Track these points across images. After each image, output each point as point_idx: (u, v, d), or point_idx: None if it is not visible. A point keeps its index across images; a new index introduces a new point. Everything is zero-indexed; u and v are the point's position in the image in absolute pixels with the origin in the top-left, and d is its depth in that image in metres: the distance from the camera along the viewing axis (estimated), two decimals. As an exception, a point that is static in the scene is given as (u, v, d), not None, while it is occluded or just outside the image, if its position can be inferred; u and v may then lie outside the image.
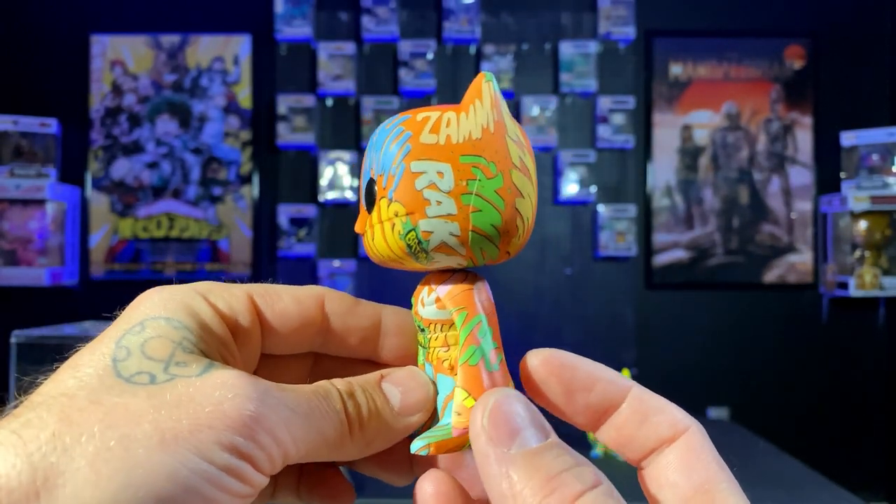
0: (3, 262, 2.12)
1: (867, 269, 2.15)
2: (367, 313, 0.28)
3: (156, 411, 0.20)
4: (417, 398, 0.26)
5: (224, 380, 0.22)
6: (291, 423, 0.22)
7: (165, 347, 0.22)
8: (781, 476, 1.36)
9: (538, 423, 0.22)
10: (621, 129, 2.35)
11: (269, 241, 2.38)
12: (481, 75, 0.25)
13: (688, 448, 0.23)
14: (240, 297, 0.26)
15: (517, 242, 0.25)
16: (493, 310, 0.26)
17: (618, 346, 2.35)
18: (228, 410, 0.21)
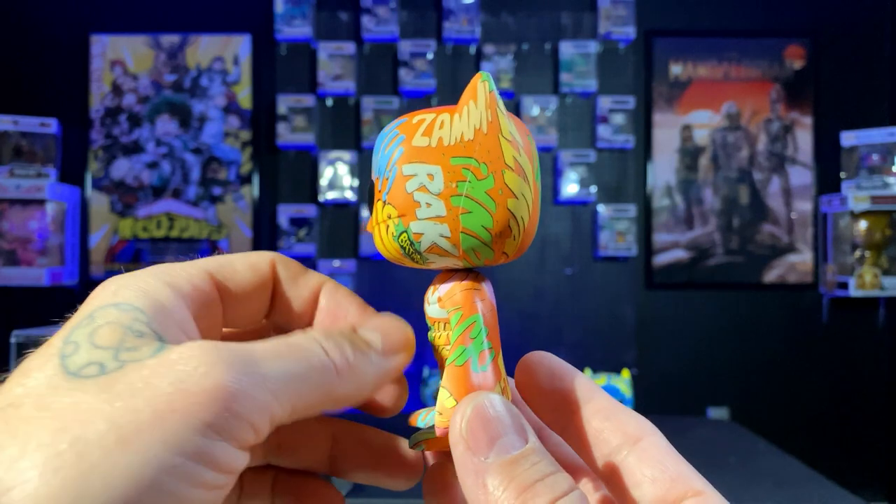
0: (3, 262, 2.12)
1: (867, 269, 2.15)
2: (310, 284, 0.27)
3: (109, 405, 0.18)
4: (399, 338, 0.25)
5: (181, 354, 0.19)
6: (268, 379, 0.20)
7: (115, 333, 0.20)
8: (781, 476, 1.36)
9: (518, 427, 0.22)
10: (621, 129, 2.35)
11: (269, 241, 2.38)
12: (478, 75, 0.25)
13: (656, 446, 0.23)
14: (198, 274, 0.24)
15: (514, 244, 0.25)
16: (492, 311, 0.25)
17: (618, 346, 2.35)
18: (192, 386, 0.19)
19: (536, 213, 0.25)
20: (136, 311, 0.21)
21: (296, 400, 0.21)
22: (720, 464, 1.43)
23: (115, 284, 0.22)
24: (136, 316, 0.21)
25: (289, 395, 0.21)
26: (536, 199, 0.25)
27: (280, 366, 0.21)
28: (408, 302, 0.28)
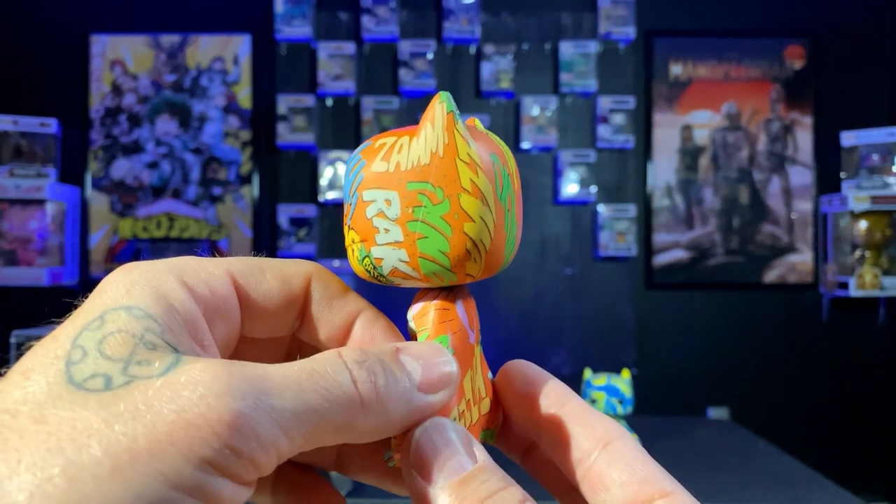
0: (3, 262, 2.12)
1: (867, 269, 2.15)
2: (346, 310, 0.25)
3: (108, 427, 0.17)
4: (441, 374, 0.23)
5: (189, 377, 0.18)
6: (280, 413, 0.19)
7: (126, 344, 0.19)
8: (781, 476, 1.36)
9: (466, 448, 0.22)
10: (621, 129, 2.35)
11: (269, 241, 2.38)
12: (437, 96, 0.24)
13: (625, 449, 0.23)
14: (219, 276, 0.23)
15: (476, 266, 0.24)
16: (460, 332, 0.25)
17: (618, 346, 2.35)
18: (193, 418, 0.17)
19: (502, 232, 0.24)
20: (149, 320, 0.20)
21: (309, 435, 0.20)
22: (720, 464, 1.43)
23: (127, 280, 0.21)
24: (149, 325, 0.20)
25: (301, 431, 0.19)
26: (501, 218, 0.24)
27: (296, 399, 0.19)
28: (406, 305, 0.27)
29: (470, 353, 0.25)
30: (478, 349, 0.26)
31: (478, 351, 0.26)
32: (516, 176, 0.26)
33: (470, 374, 0.25)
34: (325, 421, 0.20)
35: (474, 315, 0.26)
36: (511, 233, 0.25)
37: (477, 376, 0.26)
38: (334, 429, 0.20)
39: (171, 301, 0.21)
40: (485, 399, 0.26)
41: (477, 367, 0.26)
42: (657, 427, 1.70)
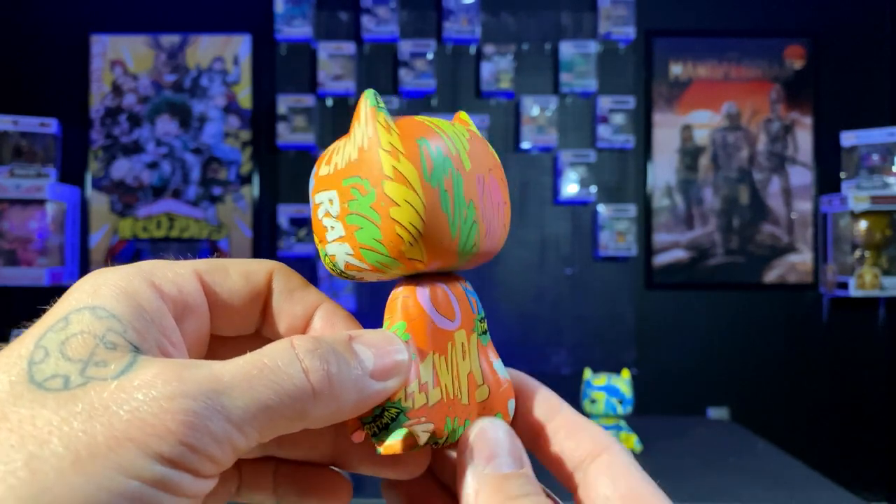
0: (3, 262, 2.12)
1: (867, 269, 2.15)
2: (305, 301, 0.26)
3: (67, 424, 0.18)
4: (393, 362, 0.24)
5: (142, 380, 0.19)
6: (231, 411, 0.19)
7: (87, 345, 0.20)
8: (781, 476, 1.36)
9: (516, 454, 0.24)
10: (621, 129, 2.35)
11: (269, 241, 2.38)
12: (363, 94, 0.26)
13: (612, 463, 0.24)
14: (186, 275, 0.24)
15: (417, 251, 0.25)
16: (420, 317, 0.26)
17: (618, 346, 2.35)
18: (147, 416, 0.18)
19: (438, 213, 0.25)
20: (112, 319, 0.21)
21: (262, 428, 0.20)
22: (720, 464, 1.43)
23: (95, 281, 0.22)
24: (111, 325, 0.20)
25: (254, 425, 0.20)
26: (434, 200, 0.25)
27: (246, 395, 0.20)
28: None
29: (437, 339, 0.26)
30: (463, 336, 0.27)
31: (464, 338, 0.27)
32: (471, 158, 0.26)
33: (436, 360, 0.26)
34: (276, 413, 0.20)
35: (454, 301, 0.27)
36: (457, 214, 0.25)
37: (459, 363, 0.26)
38: (286, 419, 0.21)
39: (138, 300, 0.22)
40: (481, 387, 0.27)
41: (457, 355, 0.26)
42: (657, 427, 1.71)
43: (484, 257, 0.27)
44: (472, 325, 0.27)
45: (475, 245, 0.26)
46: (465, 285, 0.28)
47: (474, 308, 0.28)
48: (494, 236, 0.27)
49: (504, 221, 0.28)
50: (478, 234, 0.26)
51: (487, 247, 0.27)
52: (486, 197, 0.27)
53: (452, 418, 0.26)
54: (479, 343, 0.27)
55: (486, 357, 0.27)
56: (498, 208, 0.27)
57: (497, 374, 0.27)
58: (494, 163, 0.27)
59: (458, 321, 0.27)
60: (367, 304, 2.35)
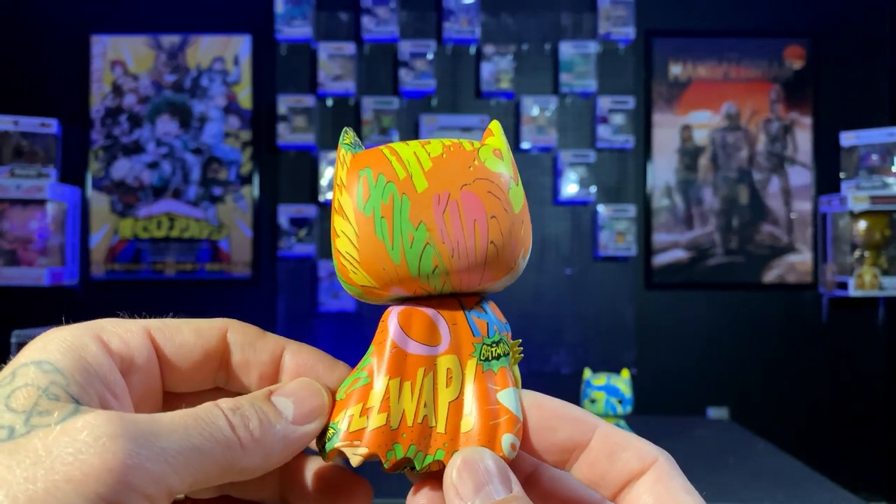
0: (4, 262, 2.12)
1: (867, 269, 2.16)
2: (269, 347, 0.27)
3: (10, 473, 0.19)
4: (312, 406, 0.25)
5: (85, 423, 0.20)
6: (167, 453, 0.21)
7: (30, 396, 0.21)
8: (781, 476, 1.36)
9: (504, 477, 0.24)
10: (621, 129, 2.35)
11: (270, 241, 2.38)
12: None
13: (656, 479, 0.24)
14: (135, 331, 0.25)
15: (361, 277, 0.26)
16: (383, 342, 0.26)
17: (618, 346, 2.35)
18: (90, 458, 0.19)
19: (372, 240, 0.25)
20: (56, 373, 0.21)
21: (196, 473, 0.21)
22: (720, 464, 1.43)
23: (45, 337, 0.23)
24: (54, 378, 0.21)
25: (188, 469, 0.21)
26: (367, 228, 0.25)
27: (181, 440, 0.21)
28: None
29: (399, 364, 0.26)
30: (452, 361, 0.26)
31: (452, 363, 0.26)
32: (432, 178, 0.26)
33: (391, 385, 0.26)
34: (209, 460, 0.22)
35: (441, 326, 0.26)
36: (397, 238, 0.25)
37: (440, 390, 0.26)
38: (219, 468, 0.22)
39: (83, 354, 0.23)
40: (467, 416, 0.26)
41: (438, 381, 0.26)
42: (657, 427, 1.71)
43: (483, 275, 0.26)
44: (469, 349, 0.26)
45: (438, 267, 0.26)
46: (477, 308, 0.27)
47: (479, 332, 0.27)
48: (471, 255, 0.26)
49: (490, 237, 0.26)
50: (437, 256, 0.25)
51: (465, 265, 0.26)
52: (451, 215, 0.26)
53: (408, 445, 0.25)
54: (481, 370, 0.26)
55: (486, 385, 0.26)
56: (474, 224, 0.26)
57: (496, 404, 0.26)
58: (478, 176, 0.26)
59: (445, 346, 0.26)
60: (366, 305, 2.35)
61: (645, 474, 0.24)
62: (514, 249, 0.27)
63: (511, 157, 0.27)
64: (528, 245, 0.27)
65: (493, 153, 0.27)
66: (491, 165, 0.27)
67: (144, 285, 2.36)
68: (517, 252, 0.27)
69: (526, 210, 0.27)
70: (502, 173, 0.27)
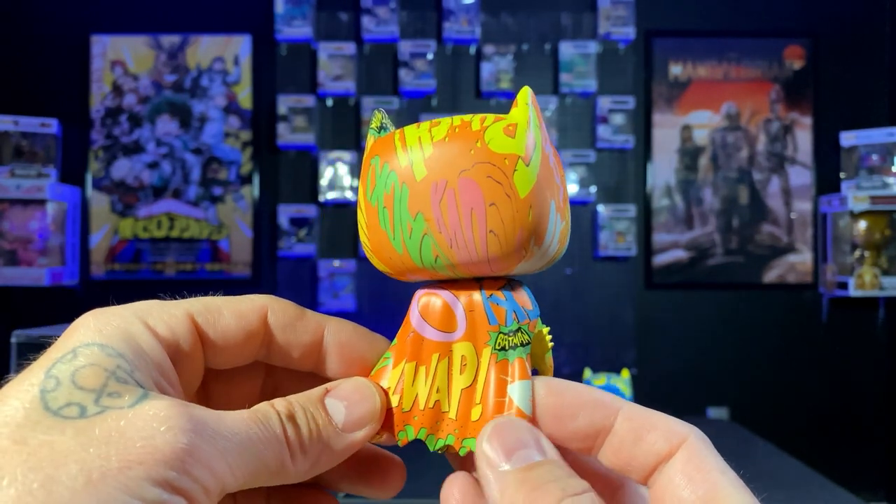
0: (4, 262, 2.12)
1: (867, 269, 2.16)
2: (310, 328, 0.27)
3: (83, 449, 0.19)
4: (362, 413, 0.25)
5: (157, 411, 0.21)
6: (228, 452, 0.22)
7: (98, 376, 0.21)
8: (781, 476, 1.36)
9: (538, 444, 0.23)
10: (621, 130, 2.35)
11: (270, 241, 2.38)
12: None
13: (687, 460, 0.23)
14: (179, 317, 0.25)
15: (377, 264, 0.27)
16: (406, 326, 0.27)
17: (618, 346, 2.35)
18: (160, 444, 0.20)
19: (377, 230, 0.26)
20: (120, 358, 0.22)
21: (248, 475, 0.22)
22: (720, 464, 1.42)
23: (99, 321, 0.23)
24: (119, 363, 0.22)
25: (242, 469, 0.22)
26: (373, 217, 0.26)
27: (242, 441, 0.22)
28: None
29: (416, 348, 0.26)
30: (468, 348, 0.26)
31: (468, 350, 0.26)
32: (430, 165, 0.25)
33: (407, 369, 0.26)
34: (262, 463, 0.23)
35: (459, 312, 0.26)
36: (398, 229, 0.25)
37: (454, 376, 0.26)
38: (269, 472, 0.23)
39: (140, 343, 0.23)
40: (477, 405, 0.25)
41: (452, 367, 0.26)
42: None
43: (490, 265, 0.25)
44: (484, 337, 0.26)
45: (438, 258, 0.25)
46: (498, 294, 0.26)
47: (495, 319, 0.26)
48: (469, 245, 0.25)
49: (489, 226, 0.24)
50: (436, 246, 0.25)
51: (466, 255, 0.25)
52: (448, 204, 0.25)
53: (419, 428, 0.26)
54: (495, 359, 0.25)
55: (498, 375, 0.25)
56: (471, 213, 0.24)
57: (503, 396, 0.25)
58: (478, 160, 0.24)
59: (460, 333, 0.26)
60: (366, 305, 2.35)
61: (675, 455, 0.23)
62: (522, 236, 0.25)
63: (533, 130, 0.25)
64: (544, 227, 0.25)
65: (503, 131, 0.24)
66: (495, 146, 0.24)
67: (144, 285, 2.36)
68: (525, 239, 0.25)
69: (541, 190, 0.24)
70: (508, 154, 0.24)
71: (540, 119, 0.25)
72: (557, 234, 0.26)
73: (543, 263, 0.27)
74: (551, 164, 0.25)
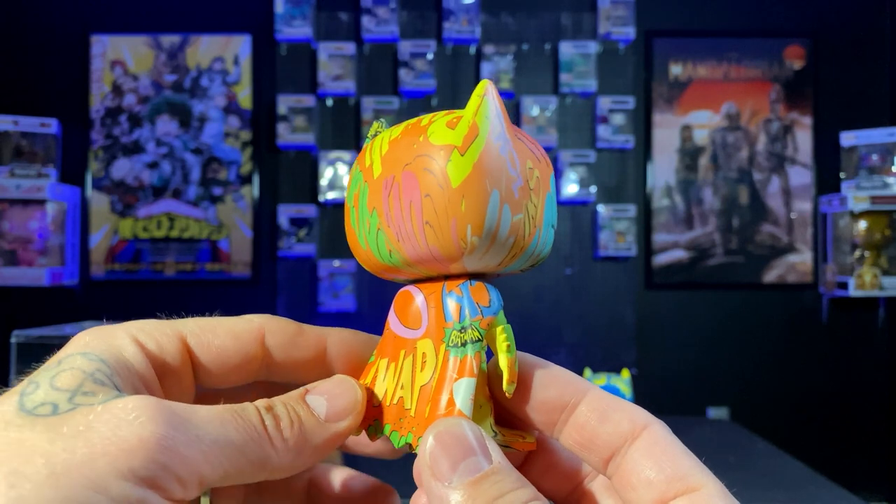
0: (4, 262, 2.12)
1: (867, 269, 2.16)
2: (310, 343, 0.27)
3: (51, 444, 0.19)
4: (345, 403, 0.25)
5: (125, 403, 0.21)
6: (201, 440, 0.21)
7: (75, 378, 0.21)
8: (781, 476, 1.36)
9: (482, 448, 0.22)
10: (621, 129, 2.35)
11: (270, 241, 2.38)
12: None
13: (653, 442, 0.23)
14: (169, 335, 0.25)
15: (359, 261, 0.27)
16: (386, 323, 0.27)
17: (618, 346, 2.35)
18: (127, 435, 0.20)
19: (350, 229, 0.27)
20: (100, 363, 0.22)
21: (228, 466, 0.22)
22: (720, 464, 1.43)
23: (88, 336, 0.24)
24: (100, 367, 0.22)
25: (221, 460, 0.22)
26: (347, 217, 0.27)
27: (216, 431, 0.22)
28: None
29: (388, 345, 0.27)
30: (428, 346, 0.25)
31: (428, 348, 0.25)
32: (385, 162, 0.25)
33: (381, 365, 0.27)
34: (242, 455, 0.22)
35: (423, 309, 0.26)
36: (362, 226, 0.26)
37: (417, 373, 0.25)
38: (251, 464, 0.23)
39: (124, 354, 0.24)
40: (429, 404, 0.25)
41: (415, 364, 0.26)
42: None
43: (436, 260, 0.25)
44: (441, 334, 0.25)
45: (391, 252, 0.25)
46: (456, 291, 0.25)
47: (451, 316, 0.25)
48: (412, 238, 0.24)
49: (424, 217, 0.24)
50: (387, 241, 0.25)
51: (412, 248, 0.25)
52: (394, 198, 0.25)
53: (384, 424, 0.26)
54: (448, 356, 0.25)
55: (446, 373, 0.25)
56: (410, 205, 0.24)
57: (446, 394, 0.24)
58: (419, 153, 0.24)
59: (422, 330, 0.26)
60: (366, 305, 2.35)
61: (638, 438, 0.23)
62: (456, 226, 0.24)
63: (481, 121, 0.24)
64: (481, 217, 0.24)
65: (446, 124, 0.24)
66: (435, 139, 0.24)
67: (144, 285, 2.36)
68: (460, 229, 0.24)
69: (478, 179, 0.24)
70: (444, 145, 0.24)
71: (496, 110, 0.24)
72: (507, 225, 0.24)
73: (506, 257, 0.25)
74: (504, 154, 0.24)
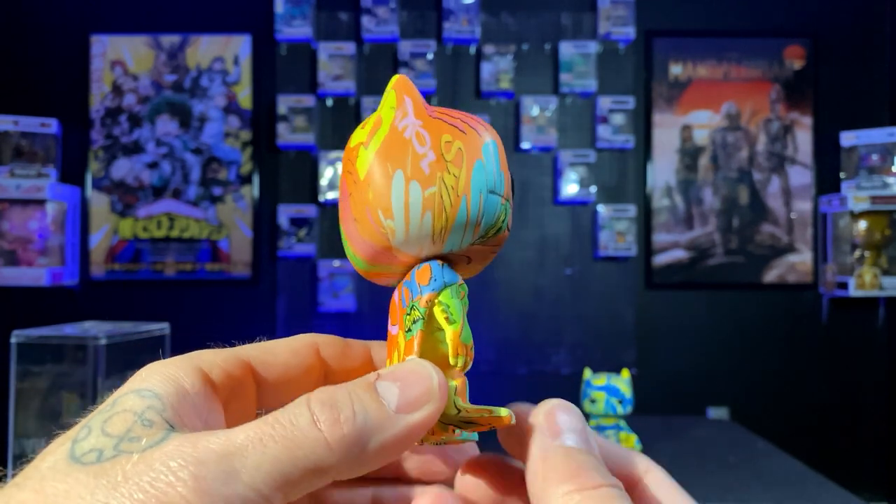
0: (4, 262, 2.12)
1: (867, 269, 2.16)
2: (358, 353, 0.28)
3: (91, 494, 0.19)
4: (418, 392, 0.23)
5: (166, 449, 0.20)
6: (242, 473, 0.20)
7: (125, 422, 0.21)
8: (781, 476, 1.36)
9: (584, 435, 0.24)
10: (621, 129, 2.35)
11: (270, 241, 2.38)
12: None
13: (656, 487, 0.25)
14: (234, 361, 0.25)
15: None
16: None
17: (618, 346, 2.35)
18: (163, 485, 0.19)
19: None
20: (154, 398, 0.22)
21: (282, 485, 0.20)
22: (720, 464, 1.43)
23: (146, 370, 0.24)
24: (152, 403, 0.22)
25: (269, 483, 0.20)
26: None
27: (258, 455, 0.20)
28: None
29: (388, 346, 0.27)
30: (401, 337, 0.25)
31: (402, 339, 0.25)
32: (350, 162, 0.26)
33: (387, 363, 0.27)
34: (293, 468, 0.21)
35: (398, 302, 0.26)
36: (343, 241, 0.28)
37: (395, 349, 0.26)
38: (306, 473, 0.21)
39: (182, 383, 0.23)
40: None
41: (394, 360, 0.26)
42: (657, 427, 1.71)
43: (374, 251, 0.26)
44: (403, 323, 0.26)
45: (353, 256, 0.27)
46: (406, 277, 0.26)
47: (405, 302, 0.26)
48: (354, 236, 0.26)
49: (352, 213, 0.26)
50: (347, 247, 0.27)
51: (358, 243, 0.26)
52: (341, 207, 0.27)
53: None
54: (406, 341, 0.25)
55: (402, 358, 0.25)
56: (344, 209, 0.26)
57: None
58: (344, 159, 0.26)
59: (398, 324, 0.26)
60: (366, 305, 2.35)
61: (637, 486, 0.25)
62: (370, 215, 0.24)
63: (384, 111, 0.25)
64: (386, 198, 0.24)
65: (361, 126, 0.26)
66: (352, 142, 0.26)
67: (144, 285, 2.36)
68: (374, 216, 0.24)
69: (380, 165, 0.24)
70: (356, 146, 0.25)
71: (404, 98, 0.25)
72: (418, 200, 0.24)
73: (436, 231, 0.25)
74: (408, 135, 0.24)
